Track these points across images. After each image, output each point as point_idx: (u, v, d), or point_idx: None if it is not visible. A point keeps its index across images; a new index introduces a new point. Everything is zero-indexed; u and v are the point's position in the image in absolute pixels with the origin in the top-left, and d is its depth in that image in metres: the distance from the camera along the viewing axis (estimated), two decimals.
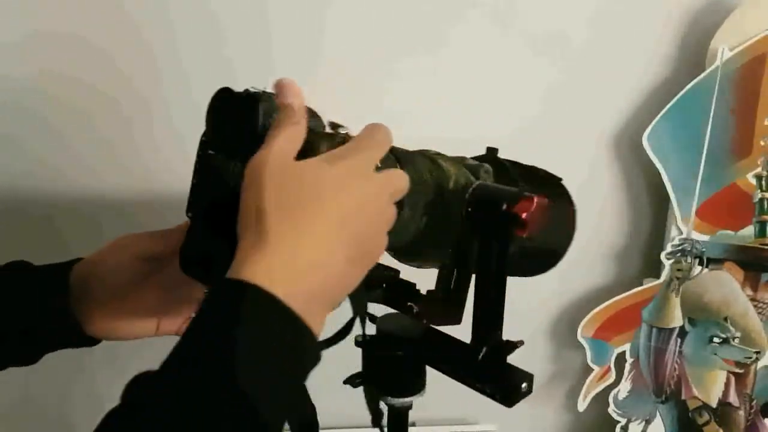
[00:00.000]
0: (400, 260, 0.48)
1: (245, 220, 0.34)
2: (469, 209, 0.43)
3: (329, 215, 0.34)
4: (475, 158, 0.52)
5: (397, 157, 0.43)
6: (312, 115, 0.40)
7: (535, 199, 0.40)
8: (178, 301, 0.52)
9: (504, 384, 0.45)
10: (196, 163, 0.41)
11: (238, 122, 0.38)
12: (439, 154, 0.48)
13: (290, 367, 0.33)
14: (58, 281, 0.49)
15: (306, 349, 0.33)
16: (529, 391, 0.45)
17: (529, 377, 0.45)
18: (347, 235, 0.35)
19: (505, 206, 0.41)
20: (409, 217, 0.42)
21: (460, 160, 0.49)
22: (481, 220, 0.43)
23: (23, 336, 0.48)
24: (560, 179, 0.54)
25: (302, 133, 0.37)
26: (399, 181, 0.39)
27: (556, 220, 0.49)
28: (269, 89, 0.40)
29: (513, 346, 0.47)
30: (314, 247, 0.33)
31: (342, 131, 0.40)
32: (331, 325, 0.57)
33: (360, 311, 0.43)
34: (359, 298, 0.42)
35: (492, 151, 0.53)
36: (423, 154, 0.48)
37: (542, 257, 0.54)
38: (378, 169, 0.38)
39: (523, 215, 0.40)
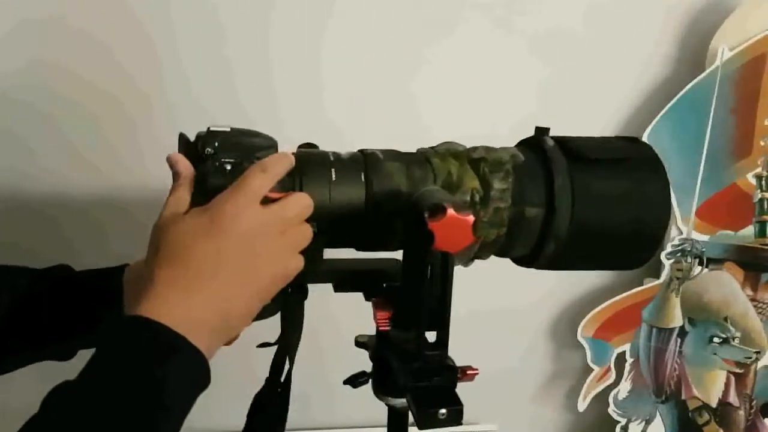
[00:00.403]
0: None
1: (144, 274, 0.40)
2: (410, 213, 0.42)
3: (205, 258, 0.39)
4: (521, 142, 0.50)
5: (367, 164, 0.45)
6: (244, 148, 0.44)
7: (448, 213, 0.38)
8: None
9: (422, 403, 0.42)
10: None
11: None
12: (440, 150, 0.48)
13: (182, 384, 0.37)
14: (112, 293, 0.53)
15: (187, 364, 0.37)
16: (452, 420, 0.41)
17: (456, 407, 0.41)
18: (228, 273, 0.39)
19: (426, 216, 0.39)
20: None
21: (467, 153, 0.47)
22: (411, 227, 0.42)
23: (71, 340, 0.53)
24: (635, 140, 0.49)
25: (186, 193, 0.42)
26: (294, 205, 0.42)
27: (623, 193, 0.45)
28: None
29: (458, 371, 0.44)
30: (195, 285, 0.39)
31: (238, 160, 0.43)
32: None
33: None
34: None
35: (540, 131, 0.49)
36: (416, 154, 0.48)
37: (625, 241, 0.47)
38: (268, 201, 0.41)
39: (430, 227, 0.38)
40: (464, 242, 0.39)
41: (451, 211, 0.38)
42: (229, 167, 0.42)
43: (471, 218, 0.39)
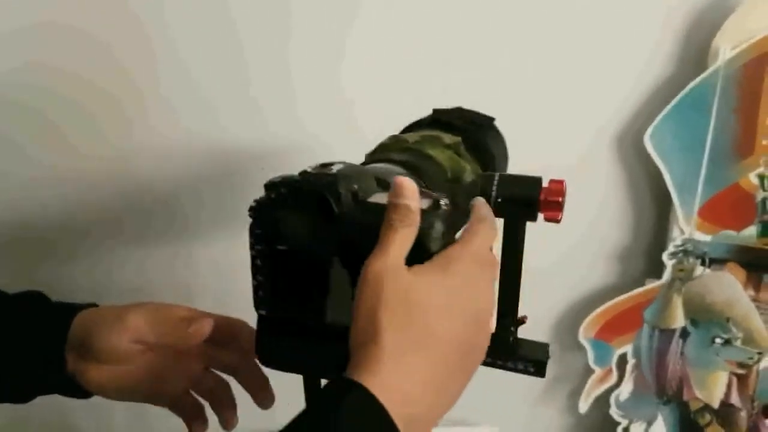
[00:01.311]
0: None
1: (363, 324, 0.34)
2: (499, 200, 0.45)
3: (444, 339, 0.35)
4: (419, 121, 0.57)
5: (413, 167, 0.46)
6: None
7: (552, 183, 0.44)
8: (173, 378, 0.52)
9: (533, 357, 0.51)
10: (255, 259, 0.40)
11: (309, 216, 0.38)
12: (423, 142, 0.49)
13: None
14: (59, 328, 0.49)
15: None
16: (548, 357, 0.51)
17: (544, 346, 0.51)
18: (460, 353, 0.35)
19: (540, 195, 0.44)
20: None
21: (431, 139, 0.50)
22: (511, 209, 0.45)
23: (16, 376, 0.49)
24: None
25: (414, 235, 0.36)
26: (493, 252, 0.41)
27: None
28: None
29: (521, 321, 0.51)
30: (428, 371, 0.34)
31: (442, 202, 0.38)
32: None
33: None
34: None
35: (437, 113, 0.57)
36: (413, 153, 0.48)
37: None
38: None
39: (559, 199, 0.44)
40: (562, 206, 0.44)
41: (552, 181, 0.44)
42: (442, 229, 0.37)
43: (563, 180, 0.44)
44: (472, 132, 0.54)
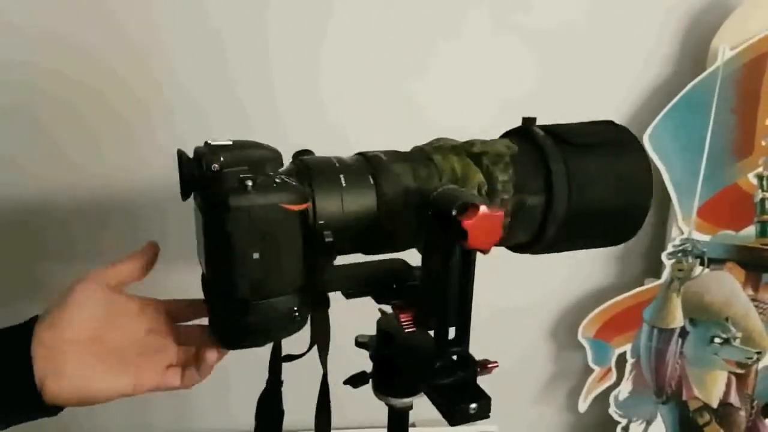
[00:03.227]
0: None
1: None
2: (430, 213, 0.42)
3: None
4: (508, 132, 0.52)
5: (373, 167, 0.45)
6: None
7: (481, 210, 0.38)
8: (155, 349, 0.49)
9: (452, 400, 0.43)
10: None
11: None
12: (439, 147, 0.48)
13: None
14: (18, 352, 0.44)
15: None
16: (482, 413, 0.44)
17: (484, 400, 0.44)
18: None
19: (454, 213, 0.39)
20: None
21: (465, 148, 0.48)
22: (434, 226, 0.42)
23: None
24: (612, 123, 0.51)
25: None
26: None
27: (612, 175, 0.48)
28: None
29: (479, 364, 0.45)
30: None
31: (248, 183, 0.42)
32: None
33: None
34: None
35: (527, 121, 0.51)
36: (417, 153, 0.48)
37: (617, 219, 0.50)
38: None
39: (464, 226, 0.38)
40: (495, 238, 0.39)
41: (483, 208, 0.38)
42: (250, 183, 0.40)
43: (501, 213, 0.40)
44: (565, 151, 0.48)
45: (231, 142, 0.42)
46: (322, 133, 0.79)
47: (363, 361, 0.55)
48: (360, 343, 0.54)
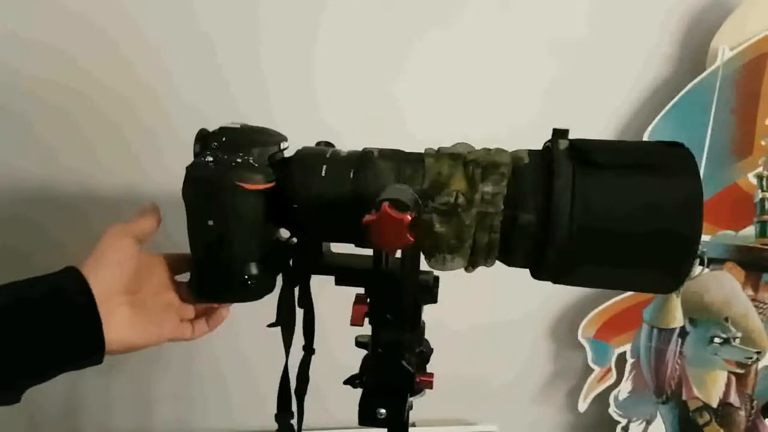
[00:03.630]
0: None
1: None
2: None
3: None
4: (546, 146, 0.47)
5: (360, 162, 0.47)
6: None
7: (383, 208, 0.37)
8: (173, 303, 0.53)
9: (366, 396, 0.46)
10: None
11: None
12: (441, 150, 0.48)
13: None
14: (81, 297, 0.45)
15: None
16: (392, 421, 0.45)
17: (398, 410, 0.45)
18: None
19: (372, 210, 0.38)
20: None
21: (464, 154, 0.46)
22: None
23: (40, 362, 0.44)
24: (677, 145, 0.42)
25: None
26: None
27: (640, 200, 0.40)
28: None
29: (408, 377, 0.46)
30: None
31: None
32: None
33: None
34: None
35: (559, 134, 0.45)
36: (415, 154, 0.48)
37: (643, 258, 0.41)
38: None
39: (365, 221, 0.38)
40: (399, 241, 0.38)
41: (385, 207, 0.37)
42: (211, 160, 0.47)
43: (406, 218, 0.37)
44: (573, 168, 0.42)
45: (240, 126, 0.50)
46: (316, 132, 0.79)
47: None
48: (360, 343, 0.54)
